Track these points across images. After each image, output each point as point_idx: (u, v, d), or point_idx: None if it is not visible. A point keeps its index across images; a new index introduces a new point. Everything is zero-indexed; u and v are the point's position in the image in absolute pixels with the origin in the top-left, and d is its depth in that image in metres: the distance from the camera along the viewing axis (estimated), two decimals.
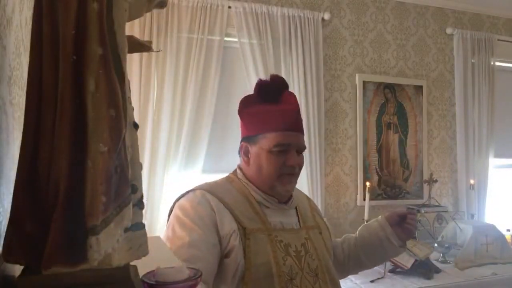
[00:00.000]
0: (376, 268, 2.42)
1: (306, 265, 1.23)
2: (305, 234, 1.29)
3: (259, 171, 1.27)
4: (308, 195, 2.72)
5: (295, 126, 1.29)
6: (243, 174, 1.32)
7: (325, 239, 1.36)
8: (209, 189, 1.26)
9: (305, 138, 2.69)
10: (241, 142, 1.33)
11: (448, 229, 2.82)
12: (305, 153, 2.73)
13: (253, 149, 1.28)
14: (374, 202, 2.98)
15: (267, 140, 1.24)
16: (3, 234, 0.55)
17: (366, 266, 1.51)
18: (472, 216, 3.17)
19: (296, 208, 1.35)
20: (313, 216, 1.41)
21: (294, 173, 1.28)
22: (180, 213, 1.22)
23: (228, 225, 1.19)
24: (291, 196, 1.34)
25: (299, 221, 1.32)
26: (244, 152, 1.31)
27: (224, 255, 1.18)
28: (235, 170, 1.36)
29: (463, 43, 3.30)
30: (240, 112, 1.32)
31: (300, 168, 1.31)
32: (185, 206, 1.23)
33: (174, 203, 1.28)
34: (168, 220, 1.27)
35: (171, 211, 1.28)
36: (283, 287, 1.16)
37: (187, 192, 1.28)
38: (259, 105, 1.27)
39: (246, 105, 1.31)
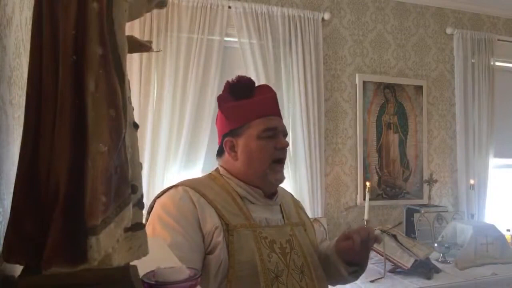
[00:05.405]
0: (376, 268, 2.44)
1: (292, 262, 1.20)
2: (290, 230, 1.27)
3: (250, 161, 1.26)
4: (308, 195, 2.75)
5: (276, 111, 1.32)
6: (227, 170, 1.31)
7: (310, 236, 1.34)
8: (191, 184, 1.24)
9: (305, 138, 2.73)
10: (224, 138, 1.31)
11: (448, 229, 2.82)
12: (305, 153, 2.75)
13: (239, 142, 1.27)
14: (374, 202, 2.99)
15: (254, 128, 1.26)
16: (3, 234, 0.55)
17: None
18: (472, 216, 3.17)
19: (280, 205, 1.34)
20: (298, 213, 1.39)
21: (283, 158, 1.29)
22: (161, 211, 1.19)
23: (211, 221, 1.16)
24: (276, 191, 1.33)
25: (283, 218, 1.31)
26: (230, 147, 1.29)
27: (207, 252, 1.15)
28: (216, 169, 1.35)
29: (463, 43, 3.30)
30: (221, 107, 1.32)
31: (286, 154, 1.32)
32: (167, 203, 1.20)
33: (154, 200, 1.25)
34: (147, 218, 1.22)
35: (151, 208, 1.24)
36: (269, 285, 1.13)
37: (168, 189, 1.25)
38: (236, 101, 1.29)
39: (224, 101, 1.32)
